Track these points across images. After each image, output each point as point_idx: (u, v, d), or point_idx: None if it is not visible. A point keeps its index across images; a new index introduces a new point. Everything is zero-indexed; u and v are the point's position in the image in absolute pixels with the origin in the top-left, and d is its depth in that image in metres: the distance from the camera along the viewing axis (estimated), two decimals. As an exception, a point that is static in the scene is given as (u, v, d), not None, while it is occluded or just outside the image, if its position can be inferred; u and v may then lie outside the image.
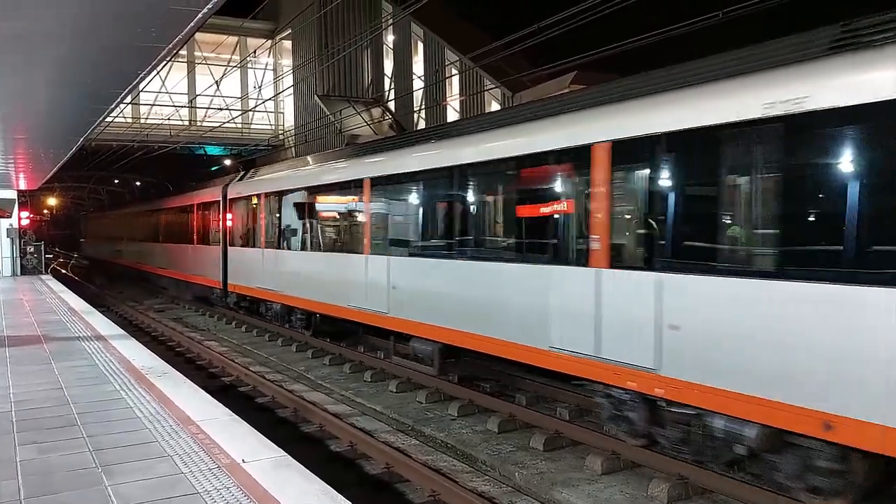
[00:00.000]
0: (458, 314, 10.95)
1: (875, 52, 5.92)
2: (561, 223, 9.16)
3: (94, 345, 11.86)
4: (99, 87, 9.95)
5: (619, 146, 8.14)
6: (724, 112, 6.86)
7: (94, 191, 57.21)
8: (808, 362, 6.16)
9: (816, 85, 6.14)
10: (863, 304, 5.75)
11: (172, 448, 6.25)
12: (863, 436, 5.74)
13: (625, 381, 8.08)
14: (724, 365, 6.87)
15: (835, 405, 5.92)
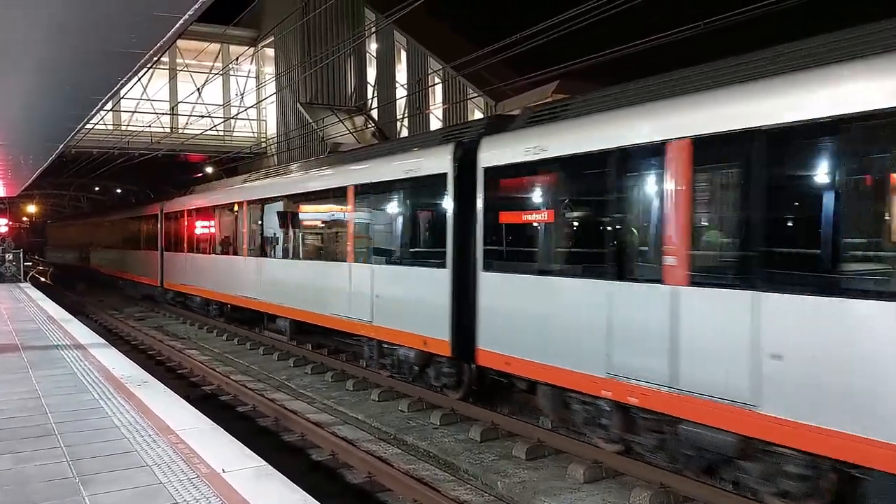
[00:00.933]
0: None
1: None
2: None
3: (73, 353, 11.73)
4: (79, 94, 9.87)
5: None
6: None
7: (75, 198, 56.70)
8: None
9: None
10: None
11: (151, 458, 6.18)
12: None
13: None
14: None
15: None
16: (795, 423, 6.15)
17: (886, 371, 5.56)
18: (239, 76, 35.11)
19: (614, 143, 8.00)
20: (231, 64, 32.18)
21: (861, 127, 5.81)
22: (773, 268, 6.43)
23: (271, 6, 32.05)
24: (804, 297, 6.09)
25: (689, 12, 10.14)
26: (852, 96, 5.81)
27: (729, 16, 9.20)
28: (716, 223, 7.37)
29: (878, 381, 5.61)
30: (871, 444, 5.62)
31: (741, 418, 6.58)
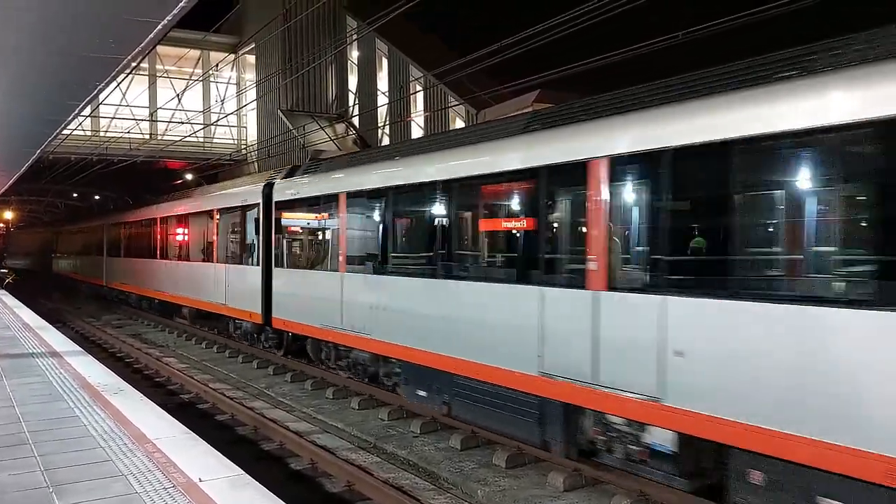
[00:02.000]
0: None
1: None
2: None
3: (49, 361, 11.58)
4: (56, 99, 9.77)
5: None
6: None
7: (52, 204, 56.10)
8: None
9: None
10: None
11: (127, 467, 6.11)
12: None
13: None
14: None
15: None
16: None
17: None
18: (219, 83, 34.94)
19: (332, 190, 13.44)
20: (211, 70, 32.02)
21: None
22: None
23: (252, 13, 31.97)
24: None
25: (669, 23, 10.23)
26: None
27: (708, 26, 9.28)
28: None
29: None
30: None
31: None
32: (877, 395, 5.43)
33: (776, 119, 6.18)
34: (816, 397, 5.79)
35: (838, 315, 5.71)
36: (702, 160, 6.87)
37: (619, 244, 7.78)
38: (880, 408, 5.41)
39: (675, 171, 7.05)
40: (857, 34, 6.18)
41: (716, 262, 6.80)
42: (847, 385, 5.62)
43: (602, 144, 7.80)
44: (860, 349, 5.58)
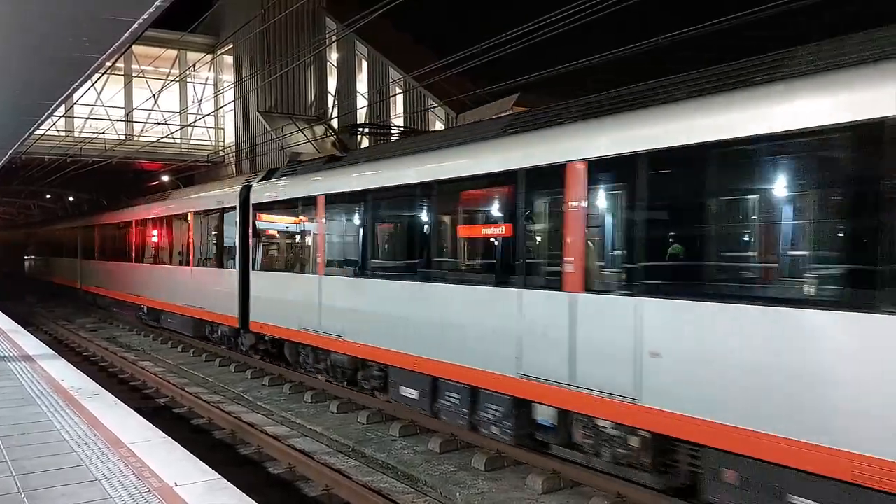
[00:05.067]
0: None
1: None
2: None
3: (21, 365, 11.40)
4: (28, 98, 9.60)
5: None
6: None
7: (25, 206, 55.35)
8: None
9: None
10: None
11: (101, 472, 6.01)
12: None
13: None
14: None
15: None
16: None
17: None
18: (196, 83, 34.65)
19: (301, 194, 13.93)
20: (188, 71, 31.74)
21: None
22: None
23: (230, 13, 31.73)
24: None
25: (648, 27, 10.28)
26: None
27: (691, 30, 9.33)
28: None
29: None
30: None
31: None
32: (843, 394, 5.54)
33: (740, 124, 6.35)
34: (786, 397, 5.90)
35: (807, 316, 5.84)
36: (673, 164, 7.03)
37: (595, 246, 7.88)
38: (846, 407, 5.51)
39: (648, 174, 7.17)
40: (822, 42, 6.39)
41: (688, 265, 6.96)
42: (816, 384, 5.72)
43: (579, 148, 7.89)
44: (828, 350, 5.70)
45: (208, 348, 18.60)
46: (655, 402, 6.92)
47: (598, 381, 7.50)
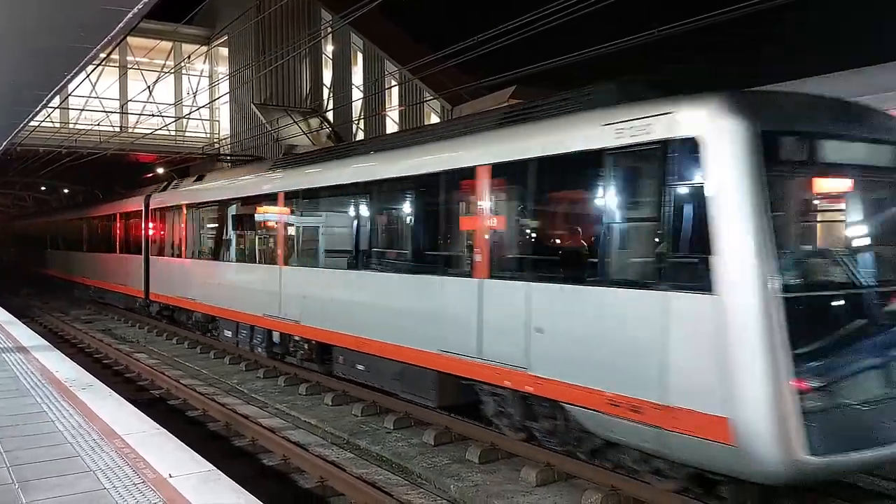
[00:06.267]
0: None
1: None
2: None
3: (15, 356, 11.38)
4: (23, 89, 9.57)
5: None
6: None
7: (20, 198, 55.14)
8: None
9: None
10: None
11: (95, 463, 6.02)
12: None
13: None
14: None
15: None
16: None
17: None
18: (191, 75, 34.55)
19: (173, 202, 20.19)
20: (183, 62, 31.64)
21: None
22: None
23: (225, 5, 31.60)
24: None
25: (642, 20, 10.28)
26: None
27: (682, 24, 9.35)
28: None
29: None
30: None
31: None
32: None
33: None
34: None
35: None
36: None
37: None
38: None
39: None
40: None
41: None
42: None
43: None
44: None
45: (203, 340, 18.60)
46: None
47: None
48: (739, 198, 6.36)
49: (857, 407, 6.46)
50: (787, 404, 6.05)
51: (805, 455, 6.00)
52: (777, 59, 18.57)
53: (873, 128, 7.30)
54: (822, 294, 6.77)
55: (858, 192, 7.45)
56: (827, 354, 6.45)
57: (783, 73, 11.29)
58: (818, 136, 6.80)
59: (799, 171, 6.92)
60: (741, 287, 6.25)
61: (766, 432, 6.06)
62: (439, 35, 21.16)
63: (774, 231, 6.31)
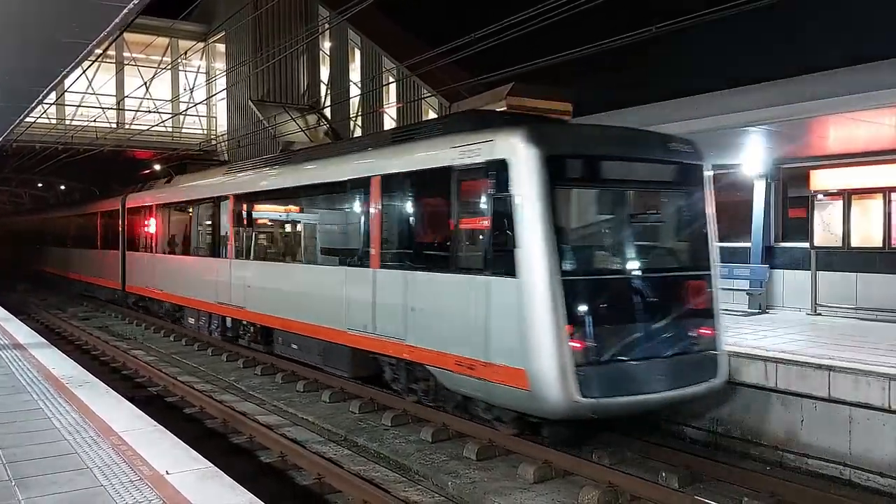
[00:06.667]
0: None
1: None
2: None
3: (11, 353, 11.34)
4: (18, 85, 9.51)
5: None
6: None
7: (16, 194, 55.00)
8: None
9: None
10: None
11: (92, 460, 5.99)
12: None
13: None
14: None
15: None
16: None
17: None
18: (188, 71, 34.46)
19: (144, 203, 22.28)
20: (180, 58, 31.55)
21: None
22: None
23: (222, 1, 31.54)
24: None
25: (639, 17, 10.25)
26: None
27: (678, 21, 9.31)
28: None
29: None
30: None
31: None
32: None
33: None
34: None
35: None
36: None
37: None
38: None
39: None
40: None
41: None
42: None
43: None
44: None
45: (200, 337, 18.57)
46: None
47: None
48: (532, 207, 8.30)
49: (622, 362, 8.47)
50: (566, 359, 8.00)
51: (579, 397, 7.97)
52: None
53: (647, 150, 9.34)
54: (594, 278, 8.84)
55: (628, 201, 9.71)
56: (597, 322, 8.36)
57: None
58: (595, 159, 9.01)
59: (578, 185, 9.26)
60: (534, 272, 8.21)
61: (550, 380, 8.02)
62: (437, 31, 21.12)
63: (557, 231, 8.31)
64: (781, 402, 9.30)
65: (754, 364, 9.62)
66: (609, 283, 8.90)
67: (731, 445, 9.78)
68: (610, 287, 8.86)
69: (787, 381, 9.24)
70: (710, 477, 8.51)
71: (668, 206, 10.00)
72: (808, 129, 11.90)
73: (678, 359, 8.81)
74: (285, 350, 14.12)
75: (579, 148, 9.11)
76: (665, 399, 8.76)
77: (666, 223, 10.05)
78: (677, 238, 10.06)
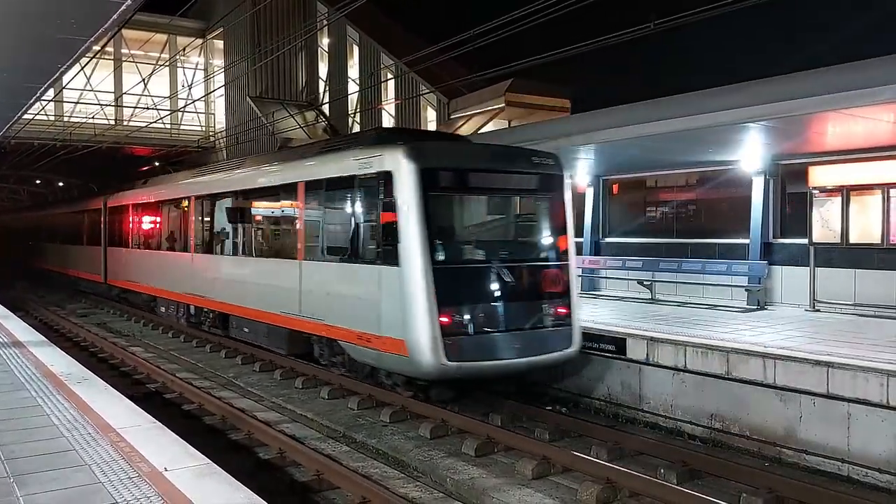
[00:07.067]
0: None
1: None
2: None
3: (10, 351, 11.34)
4: (15, 82, 9.49)
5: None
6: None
7: (15, 191, 54.93)
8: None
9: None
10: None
11: (91, 456, 6.00)
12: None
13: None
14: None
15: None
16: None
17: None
18: (187, 68, 34.41)
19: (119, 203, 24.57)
20: (178, 55, 31.52)
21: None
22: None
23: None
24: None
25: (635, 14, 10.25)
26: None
27: (679, 17, 9.30)
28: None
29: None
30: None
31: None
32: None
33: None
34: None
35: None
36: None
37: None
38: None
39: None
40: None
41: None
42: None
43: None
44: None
45: (198, 334, 18.57)
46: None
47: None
48: (410, 209, 10.11)
49: (483, 334, 10.27)
50: (436, 331, 9.80)
51: (446, 361, 9.80)
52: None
53: (511, 163, 11.29)
54: (460, 266, 10.75)
55: (492, 204, 11.85)
56: (462, 302, 10.19)
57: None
58: (462, 171, 10.89)
59: (448, 192, 10.96)
60: (411, 262, 10.02)
61: (423, 348, 9.83)
62: (436, 28, 21.08)
63: (431, 229, 10.07)
64: (780, 398, 9.31)
65: (753, 359, 9.64)
66: (472, 271, 10.88)
67: (728, 441, 9.87)
68: (473, 274, 10.81)
69: (786, 377, 9.25)
70: (709, 473, 8.52)
71: (530, 208, 12.17)
72: (805, 125, 11.90)
73: (534, 332, 10.74)
74: (239, 333, 15.90)
75: (449, 162, 10.95)
76: (521, 364, 10.63)
77: (526, 222, 12.15)
78: (537, 234, 11.87)
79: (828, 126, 12.04)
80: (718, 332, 11.53)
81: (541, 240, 11.78)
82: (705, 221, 17.26)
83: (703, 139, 13.20)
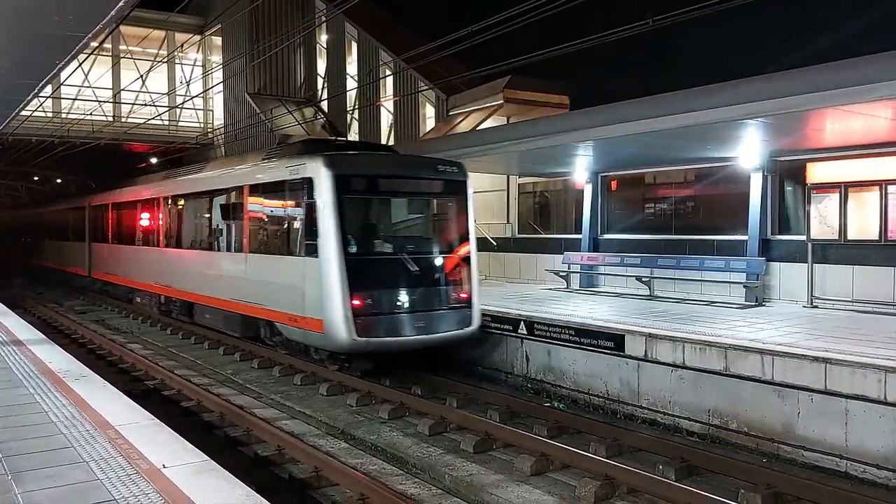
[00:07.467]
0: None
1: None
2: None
3: (8, 348, 11.33)
4: (13, 78, 9.46)
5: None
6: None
7: (12, 188, 54.83)
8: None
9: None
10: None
11: (88, 453, 5.99)
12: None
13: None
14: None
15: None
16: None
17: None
18: (185, 64, 34.34)
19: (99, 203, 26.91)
20: (176, 51, 31.45)
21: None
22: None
23: (219, -6, 31.41)
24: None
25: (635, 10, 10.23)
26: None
27: (676, 13, 9.30)
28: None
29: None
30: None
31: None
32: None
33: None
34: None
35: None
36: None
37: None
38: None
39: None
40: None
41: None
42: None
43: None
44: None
45: (197, 331, 18.58)
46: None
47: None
48: (327, 209, 11.96)
49: (389, 314, 12.12)
50: (347, 312, 11.64)
51: (356, 337, 11.66)
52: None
53: (417, 171, 13.32)
54: (369, 257, 12.55)
55: (397, 205, 13.68)
56: (370, 287, 11.97)
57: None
58: (372, 177, 12.67)
59: (359, 195, 12.72)
60: (328, 254, 11.87)
61: (337, 326, 11.70)
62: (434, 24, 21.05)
63: (343, 226, 11.86)
64: (778, 394, 9.33)
65: (751, 356, 9.65)
66: (381, 261, 12.74)
67: (726, 437, 9.90)
68: (381, 264, 12.69)
69: (784, 373, 9.27)
70: (707, 469, 8.53)
71: (434, 208, 14.04)
72: (803, 121, 11.89)
73: (436, 313, 12.44)
74: (202, 319, 17.72)
75: (362, 170, 12.76)
76: (423, 340, 12.33)
77: (431, 220, 14.09)
78: (440, 231, 13.75)
79: (826, 122, 12.03)
80: (717, 328, 11.54)
81: (444, 235, 13.57)
82: (704, 218, 17.26)
83: (701, 136, 13.20)
